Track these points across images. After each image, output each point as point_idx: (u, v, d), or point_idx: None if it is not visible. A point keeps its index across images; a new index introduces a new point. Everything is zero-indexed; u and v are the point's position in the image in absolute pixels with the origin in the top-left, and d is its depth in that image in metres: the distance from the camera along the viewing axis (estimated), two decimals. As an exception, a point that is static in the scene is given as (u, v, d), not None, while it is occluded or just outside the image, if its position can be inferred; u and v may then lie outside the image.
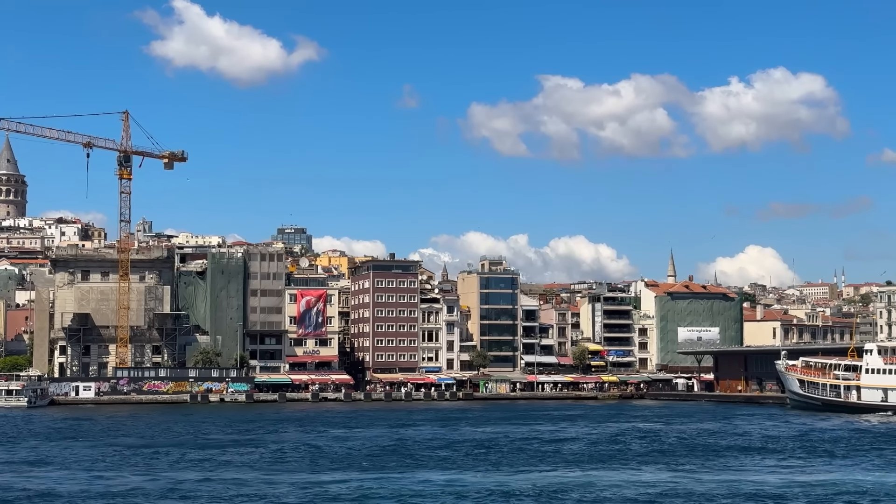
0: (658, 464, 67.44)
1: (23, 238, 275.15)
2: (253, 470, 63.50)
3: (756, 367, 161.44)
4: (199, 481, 57.73)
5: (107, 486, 56.17)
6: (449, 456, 72.53)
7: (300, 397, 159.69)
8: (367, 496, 52.68)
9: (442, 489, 54.89)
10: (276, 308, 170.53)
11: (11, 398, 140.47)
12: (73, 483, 57.59)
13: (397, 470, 63.68)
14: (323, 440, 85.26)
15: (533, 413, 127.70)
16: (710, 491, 54.09)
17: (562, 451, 76.41)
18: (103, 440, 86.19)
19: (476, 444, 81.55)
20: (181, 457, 71.33)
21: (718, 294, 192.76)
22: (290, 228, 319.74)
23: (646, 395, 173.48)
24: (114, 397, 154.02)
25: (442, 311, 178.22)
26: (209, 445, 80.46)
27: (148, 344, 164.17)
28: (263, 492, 53.71)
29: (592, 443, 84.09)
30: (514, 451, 76.33)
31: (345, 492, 53.84)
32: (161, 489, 54.91)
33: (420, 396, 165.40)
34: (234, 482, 57.05)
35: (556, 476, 60.55)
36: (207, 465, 66.04)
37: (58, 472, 62.64)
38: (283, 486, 55.41)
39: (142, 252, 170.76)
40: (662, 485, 56.42)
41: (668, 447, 79.71)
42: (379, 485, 56.26)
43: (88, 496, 52.94)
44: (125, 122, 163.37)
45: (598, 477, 59.90)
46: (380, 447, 79.11)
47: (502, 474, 61.55)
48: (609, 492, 54.18)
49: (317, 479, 58.56)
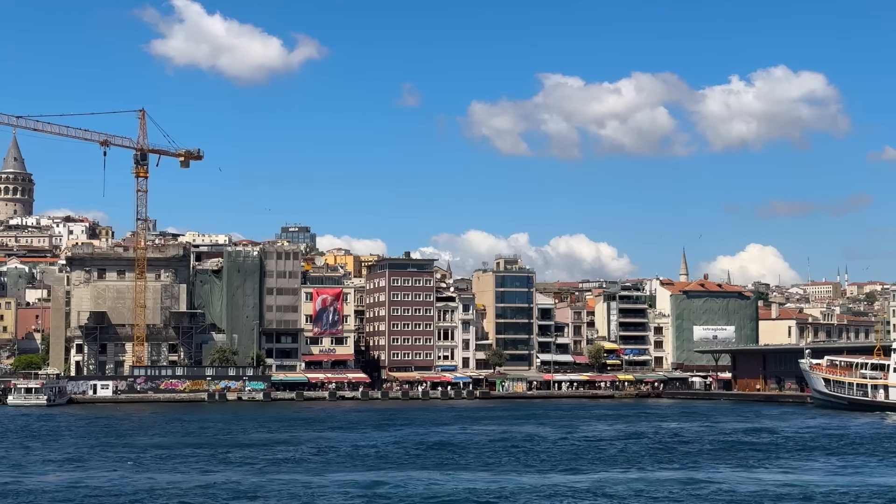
0: (741, 463, 66.84)
1: (31, 236, 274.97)
2: (332, 468, 63.11)
3: (775, 366, 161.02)
4: (277, 482, 57.01)
5: (174, 485, 55.77)
6: (521, 455, 72.01)
7: (317, 396, 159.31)
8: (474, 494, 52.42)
9: (534, 489, 54.29)
10: (292, 307, 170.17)
11: (31, 396, 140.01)
12: (135, 482, 56.99)
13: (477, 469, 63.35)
14: (370, 439, 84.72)
15: (561, 412, 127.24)
16: (829, 491, 53.36)
17: (628, 450, 75.78)
18: (142, 438, 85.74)
19: (538, 443, 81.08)
20: (232, 455, 70.83)
21: (734, 293, 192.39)
22: (294, 227, 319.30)
23: (662, 393, 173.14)
24: (131, 396, 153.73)
25: (457, 310, 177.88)
26: (262, 444, 79.96)
27: (164, 342, 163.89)
28: (369, 490, 53.52)
29: (655, 441, 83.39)
30: (581, 450, 75.69)
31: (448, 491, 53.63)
32: (232, 489, 54.51)
33: (437, 395, 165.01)
34: (339, 483, 56.34)
35: (643, 476, 59.66)
36: (284, 466, 65.21)
37: (116, 472, 62.17)
38: (387, 486, 55.19)
39: (158, 250, 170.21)
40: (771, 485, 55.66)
41: (736, 446, 78.63)
42: (485, 485, 55.78)
43: (161, 496, 52.52)
44: (141, 120, 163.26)
45: (689, 477, 58.99)
46: (431, 444, 79.22)
47: (587, 473, 60.94)
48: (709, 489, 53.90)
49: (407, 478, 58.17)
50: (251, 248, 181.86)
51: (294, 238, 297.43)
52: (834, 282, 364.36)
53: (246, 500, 50.90)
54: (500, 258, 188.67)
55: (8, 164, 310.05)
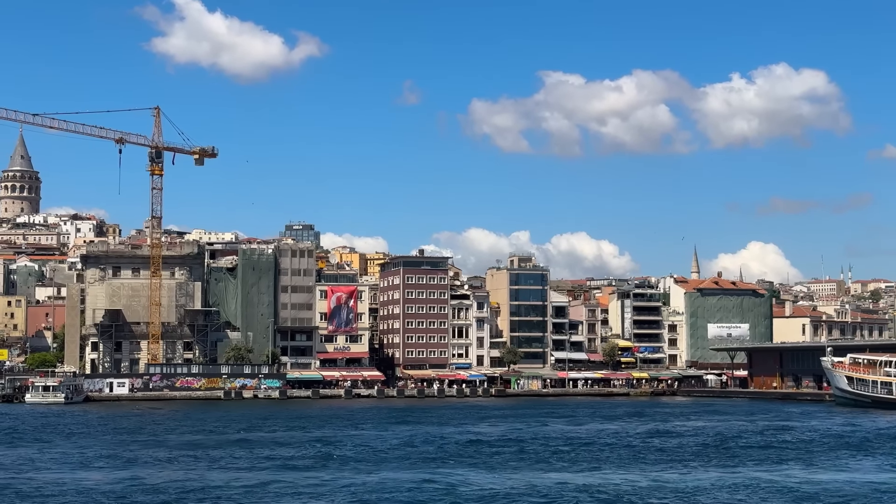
0: (799, 461, 66.46)
1: (39, 234, 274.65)
2: (386, 467, 62.72)
3: (792, 364, 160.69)
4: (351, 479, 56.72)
5: (230, 483, 55.31)
6: (574, 453, 71.62)
7: (333, 394, 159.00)
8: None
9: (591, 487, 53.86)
10: (307, 304, 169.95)
11: (49, 394, 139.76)
12: (201, 479, 56.67)
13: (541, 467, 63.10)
14: (412, 436, 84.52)
15: (584, 409, 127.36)
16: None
17: (667, 448, 75.24)
18: (172, 436, 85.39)
19: (582, 442, 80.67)
20: (281, 453, 70.42)
21: (748, 290, 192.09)
22: (297, 225, 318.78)
23: (677, 391, 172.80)
24: (147, 394, 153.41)
25: (472, 308, 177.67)
26: (305, 441, 79.61)
27: (179, 340, 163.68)
28: (450, 488, 53.35)
29: (697, 439, 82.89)
30: (628, 448, 75.39)
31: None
32: (294, 487, 54.12)
33: (453, 393, 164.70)
34: (414, 481, 56.03)
35: (701, 474, 59.02)
36: (344, 463, 64.82)
37: (170, 469, 61.94)
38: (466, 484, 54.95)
39: (172, 248, 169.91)
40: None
41: (781, 445, 77.94)
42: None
43: (238, 492, 52.24)
44: (156, 117, 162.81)
45: (749, 475, 58.52)
46: (469, 442, 79.02)
47: (646, 472, 60.43)
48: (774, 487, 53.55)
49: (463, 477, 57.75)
50: (265, 245, 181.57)
51: (298, 236, 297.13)
52: (837, 279, 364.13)
53: (314, 499, 50.54)
54: (513, 256, 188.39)
55: (14, 162, 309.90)
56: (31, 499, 50.33)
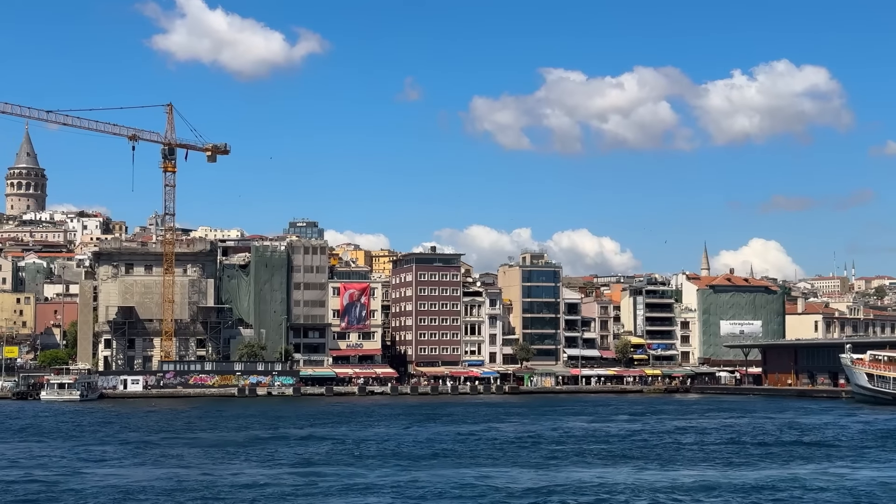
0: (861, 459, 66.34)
1: (46, 231, 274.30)
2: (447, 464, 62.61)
3: (807, 361, 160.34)
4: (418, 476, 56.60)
5: (279, 479, 55.16)
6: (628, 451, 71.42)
7: (347, 391, 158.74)
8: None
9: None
10: (320, 301, 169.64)
11: (64, 392, 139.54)
12: (257, 477, 56.34)
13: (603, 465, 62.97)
14: (451, 434, 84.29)
15: (604, 406, 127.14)
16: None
17: (707, 446, 74.93)
18: (205, 434, 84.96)
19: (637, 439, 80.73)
20: (324, 450, 70.23)
21: (760, 287, 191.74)
22: (301, 222, 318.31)
23: (691, 388, 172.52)
24: (161, 391, 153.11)
25: (484, 305, 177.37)
26: (343, 438, 79.70)
27: (192, 337, 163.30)
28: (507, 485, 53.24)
29: (744, 436, 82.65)
30: (668, 445, 75.24)
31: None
32: (348, 483, 53.97)
33: (466, 390, 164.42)
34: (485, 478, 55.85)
35: (756, 472, 58.69)
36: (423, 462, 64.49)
37: (215, 466, 61.69)
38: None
39: (185, 245, 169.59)
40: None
41: (835, 443, 77.56)
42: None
43: (283, 490, 51.76)
44: (169, 114, 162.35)
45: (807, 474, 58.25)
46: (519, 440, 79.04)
47: (699, 469, 60.47)
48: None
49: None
50: (277, 242, 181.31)
51: (302, 233, 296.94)
52: (841, 276, 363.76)
53: (377, 496, 50.44)
54: (525, 253, 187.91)
55: (21, 160, 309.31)
56: (94, 498, 50.08)
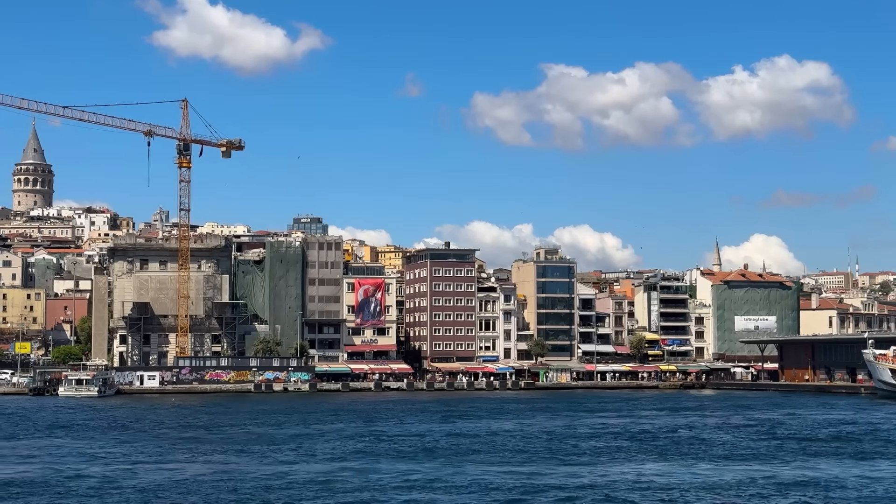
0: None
1: (54, 227, 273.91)
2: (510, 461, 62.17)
3: (824, 357, 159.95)
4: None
5: (342, 475, 54.93)
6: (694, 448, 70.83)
7: (363, 386, 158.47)
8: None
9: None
10: (335, 297, 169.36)
11: (82, 387, 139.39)
12: (319, 473, 56.01)
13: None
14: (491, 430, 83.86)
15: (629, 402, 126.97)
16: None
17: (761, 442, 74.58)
18: (237, 430, 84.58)
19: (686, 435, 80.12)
20: (379, 447, 69.89)
21: (775, 283, 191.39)
22: (305, 218, 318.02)
23: (707, 384, 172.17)
24: (178, 387, 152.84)
25: (499, 300, 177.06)
26: (397, 434, 79.64)
27: (207, 333, 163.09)
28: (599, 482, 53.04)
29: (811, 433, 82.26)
30: (720, 442, 75.01)
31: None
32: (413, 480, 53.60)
33: (482, 386, 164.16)
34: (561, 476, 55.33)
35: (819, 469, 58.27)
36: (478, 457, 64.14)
37: (262, 461, 61.40)
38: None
39: (200, 241, 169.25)
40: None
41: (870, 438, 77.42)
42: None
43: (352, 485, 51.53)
44: (184, 110, 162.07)
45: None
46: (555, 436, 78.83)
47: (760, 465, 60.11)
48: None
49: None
50: (292, 238, 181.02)
51: (307, 228, 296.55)
52: (845, 272, 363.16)
53: (445, 492, 50.14)
54: (539, 248, 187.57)
55: (28, 156, 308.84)
56: (150, 492, 50.00)
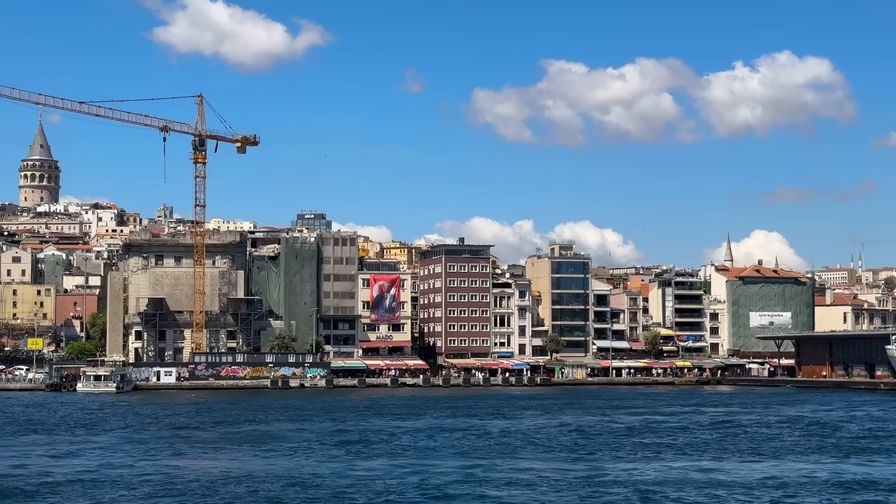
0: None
1: (62, 223, 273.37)
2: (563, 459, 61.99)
3: (842, 352, 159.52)
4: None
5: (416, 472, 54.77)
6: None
7: (379, 382, 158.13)
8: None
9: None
10: (349, 293, 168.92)
11: (100, 384, 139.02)
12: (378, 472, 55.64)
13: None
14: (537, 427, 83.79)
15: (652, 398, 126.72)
16: None
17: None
18: (279, 424, 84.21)
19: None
20: (437, 445, 69.79)
21: (790, 278, 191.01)
22: (309, 214, 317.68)
23: (723, 380, 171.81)
24: (194, 383, 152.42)
25: (514, 296, 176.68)
26: (446, 429, 79.76)
27: (222, 329, 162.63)
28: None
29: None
30: (768, 437, 74.95)
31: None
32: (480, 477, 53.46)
33: (498, 382, 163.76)
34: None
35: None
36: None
37: (319, 459, 61.29)
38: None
39: (215, 237, 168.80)
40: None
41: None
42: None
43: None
44: (199, 105, 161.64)
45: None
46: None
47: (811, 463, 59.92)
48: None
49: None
50: (307, 234, 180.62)
51: (311, 224, 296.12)
52: (848, 268, 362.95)
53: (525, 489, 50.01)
54: (554, 244, 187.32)
55: (34, 151, 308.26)
56: (223, 486, 50.23)
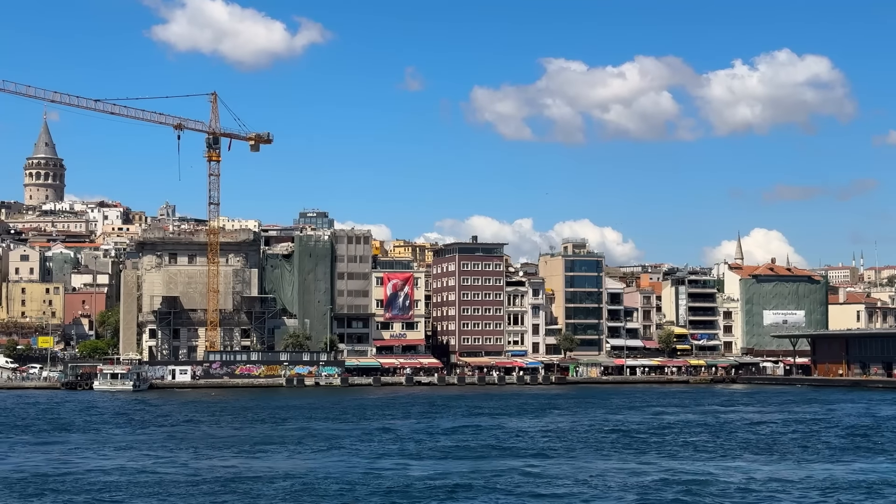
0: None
1: (68, 221, 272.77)
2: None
3: (858, 351, 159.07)
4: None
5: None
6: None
7: (394, 381, 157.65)
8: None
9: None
10: (363, 291, 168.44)
11: (117, 382, 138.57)
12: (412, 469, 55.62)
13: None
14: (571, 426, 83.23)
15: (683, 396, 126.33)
16: None
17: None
18: (321, 422, 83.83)
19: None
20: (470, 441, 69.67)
21: (803, 276, 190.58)
22: (312, 212, 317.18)
23: (737, 379, 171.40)
24: (209, 381, 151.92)
25: (527, 295, 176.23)
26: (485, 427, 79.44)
27: (236, 327, 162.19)
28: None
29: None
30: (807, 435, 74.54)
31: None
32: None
33: (513, 380, 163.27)
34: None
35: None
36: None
37: (378, 457, 61.14)
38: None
39: (229, 235, 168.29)
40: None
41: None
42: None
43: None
44: (213, 103, 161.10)
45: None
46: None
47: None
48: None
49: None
50: (321, 232, 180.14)
51: (313, 223, 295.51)
52: (850, 266, 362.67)
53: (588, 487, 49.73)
54: (567, 242, 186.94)
55: (39, 150, 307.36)
56: (287, 480, 50.40)
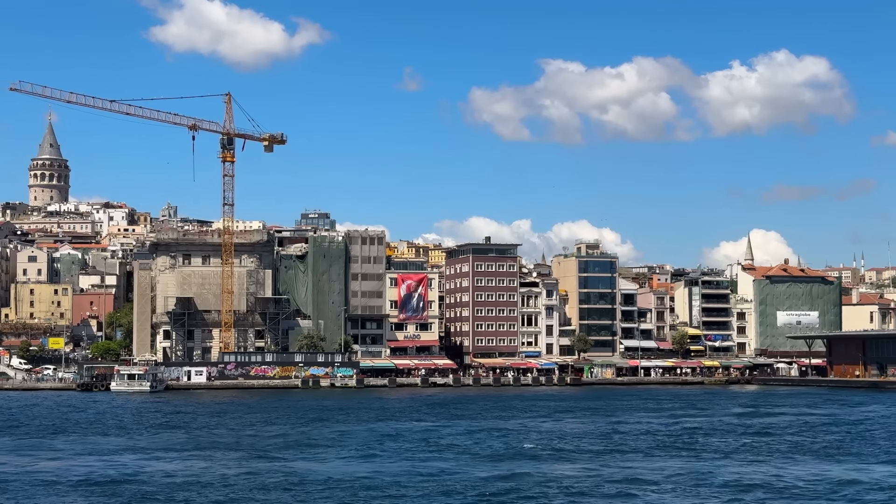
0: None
1: (73, 222, 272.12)
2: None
3: (875, 352, 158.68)
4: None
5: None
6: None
7: (409, 382, 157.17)
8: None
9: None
10: (377, 292, 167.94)
11: (134, 383, 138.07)
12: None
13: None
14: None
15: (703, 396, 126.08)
16: None
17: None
18: (362, 424, 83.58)
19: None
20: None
21: (817, 277, 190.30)
22: (313, 213, 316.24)
23: (752, 380, 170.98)
24: (225, 382, 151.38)
25: (541, 296, 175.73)
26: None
27: (250, 328, 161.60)
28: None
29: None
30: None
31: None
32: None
33: (528, 382, 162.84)
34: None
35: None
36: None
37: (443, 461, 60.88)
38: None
39: (242, 236, 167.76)
40: None
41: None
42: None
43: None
44: (227, 104, 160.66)
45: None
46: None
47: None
48: None
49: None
50: (335, 233, 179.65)
51: (315, 224, 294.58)
52: (851, 267, 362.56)
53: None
54: (580, 243, 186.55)
55: (44, 151, 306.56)
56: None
